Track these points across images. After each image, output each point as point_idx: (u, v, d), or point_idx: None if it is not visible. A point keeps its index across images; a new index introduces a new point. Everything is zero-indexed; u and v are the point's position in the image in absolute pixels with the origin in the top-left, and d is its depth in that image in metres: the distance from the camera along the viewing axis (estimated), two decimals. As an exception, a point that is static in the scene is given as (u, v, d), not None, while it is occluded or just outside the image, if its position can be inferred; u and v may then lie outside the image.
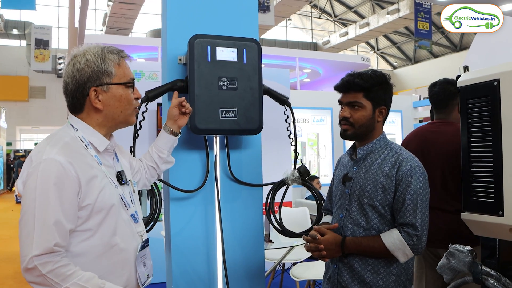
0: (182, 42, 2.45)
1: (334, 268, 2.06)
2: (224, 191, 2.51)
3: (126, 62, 1.71)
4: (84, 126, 1.65)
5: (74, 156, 1.54)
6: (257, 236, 2.61)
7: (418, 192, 1.92)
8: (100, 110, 1.64)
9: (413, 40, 28.84)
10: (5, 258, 7.50)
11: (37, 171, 1.48)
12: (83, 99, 1.63)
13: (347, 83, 2.04)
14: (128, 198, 1.70)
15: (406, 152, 2.02)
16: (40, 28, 23.19)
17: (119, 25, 22.46)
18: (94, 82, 1.61)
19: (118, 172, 1.72)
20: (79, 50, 1.66)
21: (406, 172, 1.94)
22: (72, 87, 1.63)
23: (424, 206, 1.93)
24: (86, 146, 1.61)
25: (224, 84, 2.36)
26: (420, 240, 1.91)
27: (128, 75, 1.69)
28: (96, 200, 1.55)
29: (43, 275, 1.43)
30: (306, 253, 4.82)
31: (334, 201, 2.17)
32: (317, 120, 8.50)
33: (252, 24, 2.65)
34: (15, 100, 26.18)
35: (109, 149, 1.71)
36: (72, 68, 1.62)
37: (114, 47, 1.68)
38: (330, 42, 28.83)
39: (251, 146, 2.61)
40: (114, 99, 1.64)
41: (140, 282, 1.67)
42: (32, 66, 23.30)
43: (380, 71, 2.10)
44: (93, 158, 1.61)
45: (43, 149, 1.53)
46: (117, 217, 1.62)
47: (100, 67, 1.61)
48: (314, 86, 16.29)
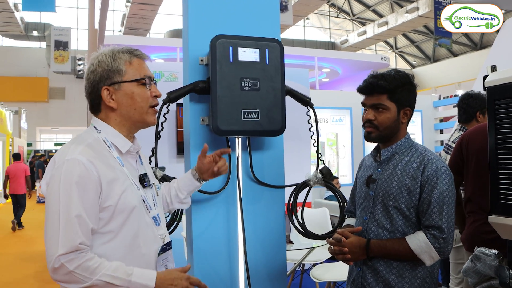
0: (204, 42, 2.44)
1: (358, 271, 2.03)
2: (246, 193, 2.49)
3: (144, 61, 1.71)
4: (106, 127, 1.66)
5: (97, 157, 1.55)
6: (279, 238, 2.59)
7: (444, 194, 1.89)
8: (114, 109, 1.65)
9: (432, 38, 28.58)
10: (27, 257, 7.60)
11: (60, 171, 1.50)
12: (98, 100, 1.66)
13: (370, 85, 2.01)
14: (151, 201, 1.70)
15: (431, 154, 1.99)
16: (60, 29, 23.47)
17: (137, 26, 22.59)
18: (106, 81, 1.63)
19: (141, 174, 1.72)
20: (95, 53, 1.69)
21: (432, 174, 1.90)
22: (89, 88, 1.67)
23: (450, 208, 1.90)
24: (109, 148, 1.62)
25: (247, 85, 2.34)
26: (446, 243, 1.87)
27: (142, 72, 1.68)
28: (118, 202, 1.55)
29: (71, 272, 1.44)
30: (326, 254, 4.79)
31: (358, 203, 2.14)
32: (336, 120, 8.45)
33: (274, 24, 2.63)
34: (35, 101, 26.56)
35: (132, 151, 1.71)
36: (88, 71, 1.67)
37: (128, 48, 1.70)
38: (348, 41, 28.67)
39: (273, 147, 2.58)
40: (127, 97, 1.65)
41: None
42: (51, 67, 23.59)
43: (404, 71, 2.06)
44: (115, 159, 1.61)
45: (67, 150, 1.55)
46: (139, 219, 1.62)
47: (110, 66, 1.63)
48: (333, 86, 16.20)
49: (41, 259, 7.41)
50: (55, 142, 30.06)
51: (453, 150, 3.13)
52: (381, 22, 25.52)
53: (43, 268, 6.86)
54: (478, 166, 2.82)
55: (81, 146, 1.56)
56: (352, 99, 8.87)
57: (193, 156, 2.43)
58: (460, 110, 3.62)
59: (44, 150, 26.64)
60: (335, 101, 8.43)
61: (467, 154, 2.93)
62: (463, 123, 3.65)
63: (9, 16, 22.54)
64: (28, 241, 9.16)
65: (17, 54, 27.00)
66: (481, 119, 3.51)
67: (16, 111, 20.25)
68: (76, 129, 28.54)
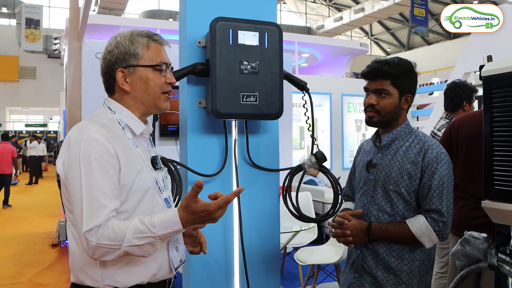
0: (201, 24, 2.42)
1: (358, 253, 2.07)
2: (241, 176, 2.51)
3: (162, 47, 1.69)
4: (121, 108, 1.64)
5: (113, 136, 1.54)
6: (273, 221, 2.62)
7: (444, 179, 1.94)
8: (127, 92, 1.64)
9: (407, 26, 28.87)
10: (2, 240, 7.49)
11: (78, 150, 1.48)
12: (113, 81, 1.64)
13: (374, 70, 2.03)
14: (162, 183, 1.70)
15: (431, 140, 2.03)
16: (31, 7, 22.86)
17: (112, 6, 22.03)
18: (121, 64, 1.61)
19: (153, 157, 1.71)
20: (114, 34, 1.67)
21: (432, 159, 1.95)
22: (104, 68, 1.65)
23: (449, 192, 1.96)
24: (123, 129, 1.61)
25: (246, 68, 2.34)
26: (445, 226, 1.93)
27: (158, 58, 1.66)
28: (133, 182, 1.54)
29: (96, 245, 1.41)
30: (309, 238, 4.87)
31: (357, 188, 2.17)
32: (316, 105, 8.46)
33: (271, 8, 2.63)
34: (4, 81, 25.90)
35: (145, 133, 1.70)
36: (105, 51, 1.65)
37: (148, 31, 1.68)
38: (324, 26, 28.70)
39: (269, 131, 2.60)
40: (141, 81, 1.63)
41: (172, 266, 1.67)
42: (22, 46, 22.99)
43: (406, 59, 2.09)
44: (129, 140, 1.60)
45: (82, 130, 1.53)
46: (153, 200, 1.61)
47: (127, 49, 1.61)
48: (312, 71, 16.23)
49: (17, 242, 7.30)
50: (26, 123, 29.45)
51: (441, 137, 3.19)
52: (357, 9, 25.62)
53: (20, 250, 6.77)
54: (468, 153, 2.90)
55: (96, 126, 1.54)
56: (332, 85, 8.94)
57: (190, 138, 2.43)
58: (447, 99, 3.70)
59: (15, 131, 26.08)
60: (315, 86, 8.39)
61: (457, 142, 2.99)
62: (449, 112, 3.72)
63: (-23, -9, 21.84)
64: (2, 223, 9.01)
65: (-14, 32, 26.20)
66: (467, 108, 3.60)
67: (-15, 90, 19.71)
68: (48, 110, 28.03)
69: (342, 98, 8.81)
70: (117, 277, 1.53)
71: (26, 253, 6.63)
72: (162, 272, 1.64)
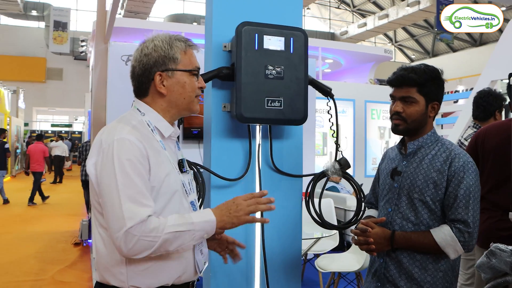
0: (227, 29, 2.43)
1: (381, 262, 2.05)
2: (264, 181, 2.50)
3: (193, 52, 1.72)
4: (150, 111, 1.67)
5: (143, 138, 1.57)
6: (296, 226, 2.61)
7: (471, 189, 1.90)
8: (164, 95, 1.66)
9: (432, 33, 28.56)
10: (26, 237, 7.61)
11: (111, 150, 1.50)
12: (148, 83, 1.66)
13: (401, 78, 2.01)
14: (188, 186, 1.71)
15: (457, 148, 2.00)
16: (59, 10, 23.32)
17: (137, 9, 22.40)
18: (160, 67, 1.64)
19: (180, 160, 1.73)
20: (148, 37, 1.69)
21: (459, 168, 1.91)
22: (139, 71, 1.66)
23: (476, 203, 1.91)
24: (152, 131, 1.63)
25: (271, 73, 2.34)
26: (471, 237, 1.89)
27: (194, 63, 1.71)
28: (162, 184, 1.56)
29: (139, 238, 1.43)
30: (330, 245, 4.84)
31: (381, 195, 2.15)
32: (339, 111, 8.41)
33: (297, 13, 2.62)
34: (32, 81, 26.40)
35: (173, 136, 1.73)
36: (140, 53, 1.66)
37: (181, 36, 1.71)
38: (348, 32, 28.61)
39: (293, 136, 2.59)
40: (178, 85, 1.66)
41: (198, 269, 1.69)
42: (50, 47, 23.46)
43: (433, 66, 2.06)
44: (158, 143, 1.63)
45: (114, 131, 1.56)
46: (179, 203, 1.63)
47: (167, 53, 1.64)
48: (335, 77, 16.17)
49: (41, 240, 7.42)
50: (52, 123, 29.95)
51: (467, 147, 3.14)
52: (381, 15, 25.48)
53: (44, 248, 6.88)
54: (495, 163, 2.84)
55: (128, 127, 1.57)
56: (355, 91, 8.88)
57: (214, 142, 2.43)
58: (479, 108, 3.61)
59: (40, 130, 26.53)
60: (338, 92, 8.32)
61: (483, 152, 2.94)
62: (480, 121, 3.64)
63: (8, -6, 22.33)
64: (27, 220, 9.16)
65: (16, 33, 26.78)
66: (498, 117, 3.53)
67: (14, 90, 20.11)
68: (73, 110, 28.48)
69: (365, 104, 8.74)
70: (142, 278, 1.55)
71: (49, 251, 6.74)
72: (187, 274, 1.66)
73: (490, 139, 2.92)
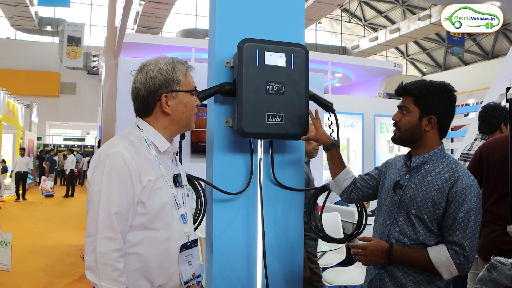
0: (230, 45, 2.47)
1: (377, 273, 2.05)
2: (266, 195, 2.52)
3: (190, 73, 1.87)
4: (149, 128, 1.80)
5: (137, 153, 1.69)
6: (297, 240, 2.62)
7: (471, 213, 1.87)
8: (168, 114, 1.80)
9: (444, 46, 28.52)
10: (36, 251, 7.67)
11: (104, 162, 1.65)
12: (154, 104, 1.79)
13: (400, 87, 2.08)
14: (180, 200, 1.82)
15: (462, 169, 1.97)
16: (73, 25, 23.67)
17: (150, 24, 22.73)
18: (166, 89, 1.78)
19: (175, 174, 1.84)
20: (150, 60, 1.82)
21: (461, 191, 1.89)
22: (145, 92, 1.78)
23: (475, 227, 1.89)
24: (148, 146, 1.75)
25: (272, 88, 2.38)
26: (467, 260, 1.87)
27: (193, 84, 1.86)
28: (152, 196, 1.68)
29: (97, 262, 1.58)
30: (337, 259, 4.82)
31: (382, 206, 2.15)
32: (348, 125, 8.47)
33: (299, 29, 2.66)
34: (46, 96, 26.75)
35: (169, 151, 1.84)
36: (145, 76, 1.78)
37: (180, 59, 1.86)
38: (359, 46, 28.66)
39: (295, 150, 2.61)
40: (182, 105, 1.81)
41: (182, 279, 1.76)
42: (64, 62, 23.79)
43: (444, 82, 2.03)
44: (153, 157, 1.74)
45: (111, 144, 1.70)
46: (170, 214, 1.74)
47: (172, 75, 1.78)
48: (345, 91, 16.20)
49: (51, 253, 7.48)
50: (64, 137, 30.24)
51: (471, 159, 3.14)
52: (393, 29, 25.51)
53: (53, 261, 6.93)
54: (500, 176, 2.84)
55: (124, 142, 1.70)
56: (365, 105, 8.89)
57: (216, 156, 2.47)
58: (485, 121, 3.62)
59: (53, 144, 26.80)
60: (348, 106, 8.45)
61: (488, 164, 2.94)
62: (486, 134, 3.65)
63: (23, 10, 22.75)
64: (37, 234, 9.23)
65: (30, 48, 27.21)
66: (505, 130, 3.52)
67: (27, 104, 20.39)
68: (86, 125, 28.75)
69: (374, 118, 8.76)
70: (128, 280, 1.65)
71: (58, 264, 6.78)
72: (171, 283, 1.75)
73: (495, 152, 2.93)
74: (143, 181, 1.66)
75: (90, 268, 1.58)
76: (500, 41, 27.21)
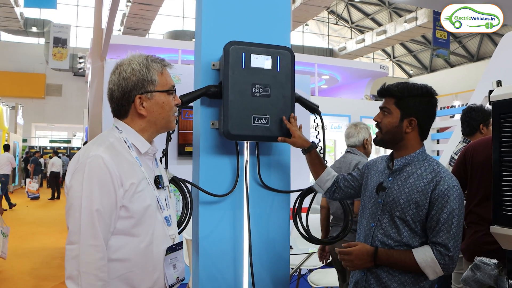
0: (216, 48, 2.48)
1: (362, 275, 2.07)
2: (252, 197, 2.53)
3: (167, 70, 1.79)
4: (128, 130, 1.73)
5: (118, 156, 1.63)
6: (283, 242, 2.63)
7: (454, 213, 1.91)
8: (144, 116, 1.72)
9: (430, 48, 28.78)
10: (22, 254, 7.59)
11: (84, 166, 1.57)
12: (128, 106, 1.72)
13: (382, 88, 2.11)
14: (164, 202, 1.76)
15: (444, 171, 2.00)
16: (59, 26, 23.47)
17: (137, 26, 22.60)
18: (139, 90, 1.70)
19: (157, 176, 1.78)
20: (124, 59, 1.76)
21: (443, 192, 1.92)
22: (118, 94, 1.72)
23: (458, 227, 1.92)
24: (129, 147, 1.69)
25: (258, 91, 2.39)
26: (452, 261, 1.90)
27: (170, 82, 1.77)
28: (134, 199, 1.62)
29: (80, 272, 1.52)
30: (323, 260, 4.83)
31: (365, 208, 2.17)
32: (334, 127, 8.52)
33: (285, 32, 2.68)
34: (31, 97, 26.51)
35: (150, 152, 1.78)
36: (118, 77, 1.72)
37: (156, 57, 1.78)
38: (346, 48, 28.80)
39: (281, 152, 2.63)
40: (157, 106, 1.73)
41: (167, 283, 1.72)
42: (49, 64, 23.59)
43: (425, 85, 2.07)
44: (134, 159, 1.68)
45: (90, 148, 1.62)
46: (154, 217, 1.69)
47: (145, 76, 1.70)
48: (332, 93, 16.29)
49: (36, 256, 7.41)
50: (50, 139, 29.98)
51: (455, 162, 3.18)
52: (379, 31, 25.69)
53: (39, 264, 6.87)
54: (484, 178, 2.88)
55: (104, 145, 1.63)
56: (351, 107, 8.94)
57: (203, 159, 2.47)
58: (464, 123, 3.69)
59: (39, 146, 26.56)
60: (334, 108, 8.50)
61: (472, 167, 2.98)
62: (467, 136, 3.71)
63: (8, 11, 22.55)
64: (23, 237, 9.14)
65: (16, 50, 26.97)
66: (485, 131, 3.58)
67: (13, 106, 20.19)
68: (72, 127, 28.55)
69: (361, 120, 8.80)
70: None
71: (44, 267, 6.73)
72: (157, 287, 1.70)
73: (479, 154, 2.97)
74: (125, 184, 1.59)
75: (72, 277, 1.51)
76: (485, 43, 27.53)
